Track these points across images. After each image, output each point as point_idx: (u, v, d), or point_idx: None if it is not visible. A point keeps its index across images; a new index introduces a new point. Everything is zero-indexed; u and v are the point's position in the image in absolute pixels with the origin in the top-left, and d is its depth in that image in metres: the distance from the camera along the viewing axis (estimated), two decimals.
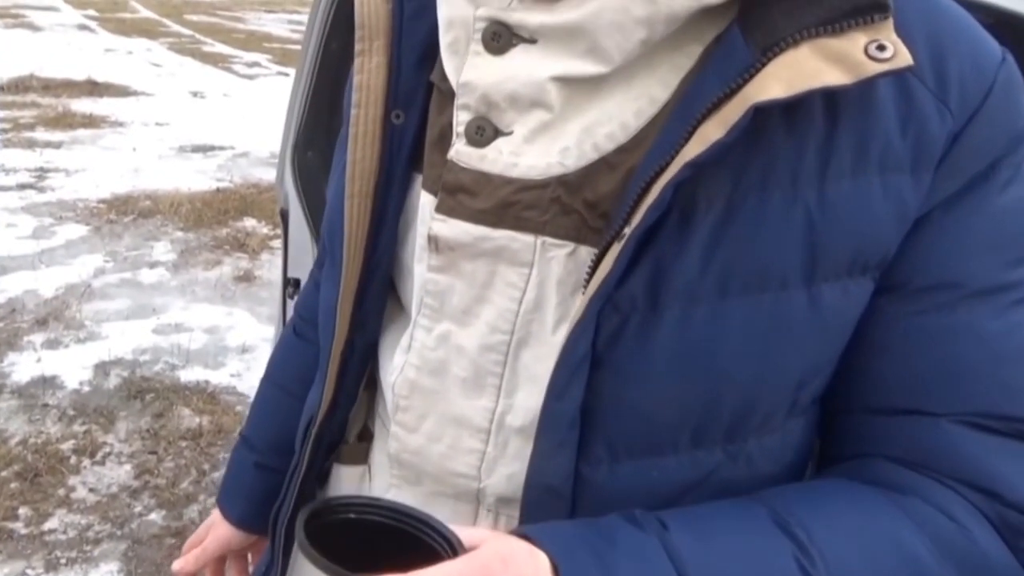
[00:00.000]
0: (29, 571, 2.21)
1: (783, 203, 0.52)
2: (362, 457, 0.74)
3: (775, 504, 0.55)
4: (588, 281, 0.54)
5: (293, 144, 1.77)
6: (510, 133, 0.57)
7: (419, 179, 0.63)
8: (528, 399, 0.59)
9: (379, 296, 0.67)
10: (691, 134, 0.51)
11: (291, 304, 1.76)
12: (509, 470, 0.61)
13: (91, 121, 6.96)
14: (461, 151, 0.58)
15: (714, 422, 0.55)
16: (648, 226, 0.51)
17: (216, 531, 0.94)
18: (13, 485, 2.52)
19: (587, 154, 0.55)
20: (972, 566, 0.54)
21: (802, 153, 0.52)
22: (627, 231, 0.52)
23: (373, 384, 0.72)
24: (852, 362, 0.57)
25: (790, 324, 0.53)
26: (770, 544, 0.52)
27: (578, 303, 0.55)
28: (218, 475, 2.65)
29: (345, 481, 0.76)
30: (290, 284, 1.78)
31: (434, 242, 0.59)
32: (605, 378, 0.54)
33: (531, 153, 0.56)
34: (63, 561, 2.26)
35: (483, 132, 0.57)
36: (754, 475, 0.58)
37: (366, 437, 0.75)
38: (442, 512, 0.64)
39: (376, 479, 0.73)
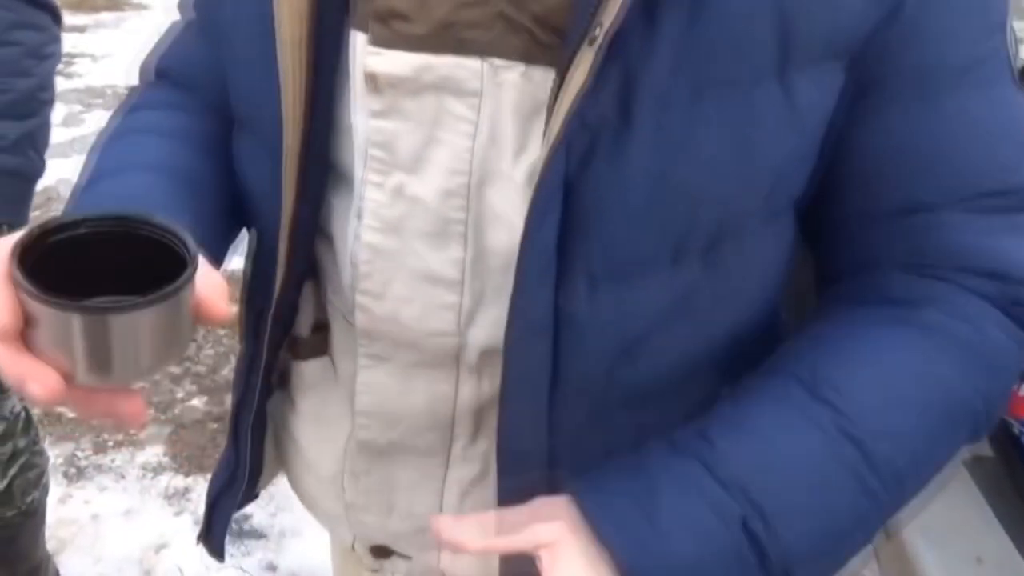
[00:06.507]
0: (79, 453, 2.28)
1: None
2: (322, 348, 0.70)
3: (802, 373, 0.56)
4: (555, 100, 0.50)
5: None
6: None
7: (349, 22, 0.57)
8: (497, 240, 0.56)
9: (321, 158, 0.60)
10: None
11: None
12: (488, 318, 0.58)
13: (113, 3, 6.82)
14: None
15: (692, 233, 0.53)
16: (617, 30, 0.46)
17: None
18: None
19: None
20: (991, 365, 0.56)
21: None
22: (598, 33, 0.47)
23: (315, 274, 0.67)
24: (845, 168, 0.57)
25: (764, 119, 0.51)
26: (809, 415, 0.54)
27: (552, 125, 0.50)
28: None
29: (307, 376, 0.72)
30: None
31: (372, 81, 0.54)
32: (580, 203, 0.51)
33: None
34: (111, 444, 2.32)
35: None
36: (733, 289, 0.57)
37: (320, 329, 0.70)
38: (418, 385, 0.61)
39: (340, 366, 0.69)
